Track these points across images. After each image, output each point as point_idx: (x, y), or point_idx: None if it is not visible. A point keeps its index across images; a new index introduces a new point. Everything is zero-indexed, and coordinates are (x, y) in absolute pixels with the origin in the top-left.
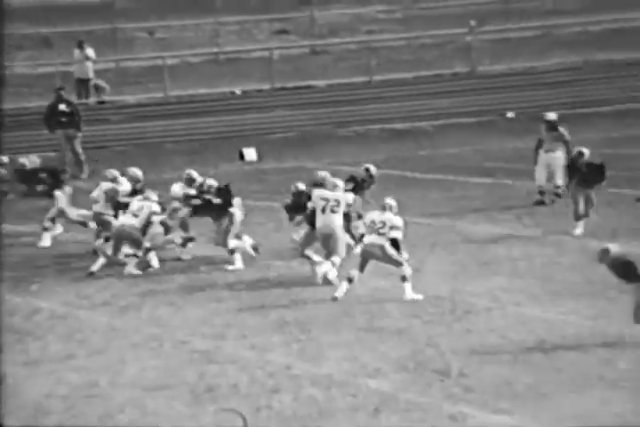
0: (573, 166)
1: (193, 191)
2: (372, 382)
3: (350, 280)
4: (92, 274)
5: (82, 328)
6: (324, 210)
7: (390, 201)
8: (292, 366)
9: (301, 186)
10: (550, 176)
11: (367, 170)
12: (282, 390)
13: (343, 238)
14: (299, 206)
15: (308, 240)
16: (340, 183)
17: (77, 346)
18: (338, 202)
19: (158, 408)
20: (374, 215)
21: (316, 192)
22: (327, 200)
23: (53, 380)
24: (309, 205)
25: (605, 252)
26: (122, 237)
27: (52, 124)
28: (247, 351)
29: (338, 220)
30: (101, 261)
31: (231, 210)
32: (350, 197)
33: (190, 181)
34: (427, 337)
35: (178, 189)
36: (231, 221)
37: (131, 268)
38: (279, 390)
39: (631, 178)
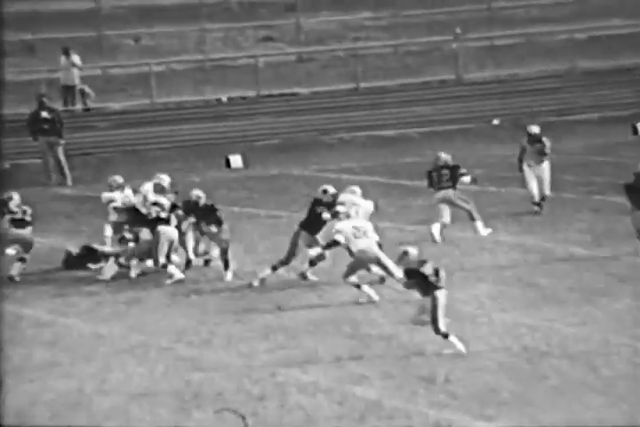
0: None
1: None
2: (358, 389)
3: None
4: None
5: (67, 335)
6: (355, 236)
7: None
8: (277, 373)
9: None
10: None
11: (325, 191)
12: (267, 398)
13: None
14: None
15: (352, 269)
16: (358, 190)
17: (62, 353)
18: (365, 228)
19: (143, 416)
20: (351, 222)
21: (340, 225)
22: (357, 229)
23: (38, 387)
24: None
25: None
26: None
27: (35, 131)
28: (233, 358)
29: (372, 242)
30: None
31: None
32: (370, 205)
33: (160, 189)
34: (412, 344)
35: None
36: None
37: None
38: (265, 398)
39: (615, 185)
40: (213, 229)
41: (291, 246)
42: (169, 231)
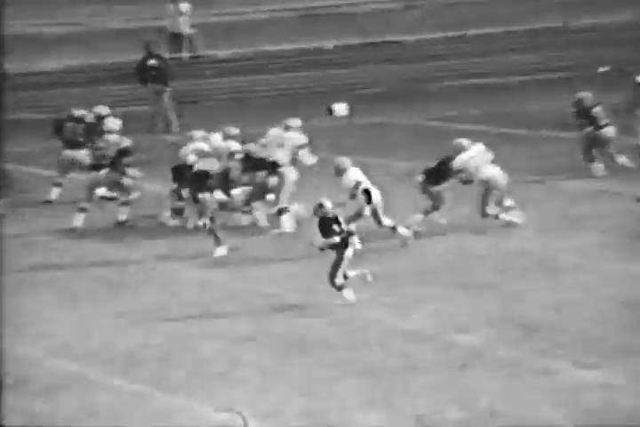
0: None
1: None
2: (461, 337)
3: None
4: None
5: (173, 280)
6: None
7: None
8: (381, 320)
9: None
10: None
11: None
12: (371, 345)
13: None
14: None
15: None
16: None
17: (170, 298)
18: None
19: (247, 360)
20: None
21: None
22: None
23: (147, 331)
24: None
25: (320, 206)
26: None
27: (143, 79)
28: (336, 305)
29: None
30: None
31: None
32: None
33: (229, 137)
34: (515, 292)
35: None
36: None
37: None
38: (368, 344)
39: None
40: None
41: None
42: (293, 173)
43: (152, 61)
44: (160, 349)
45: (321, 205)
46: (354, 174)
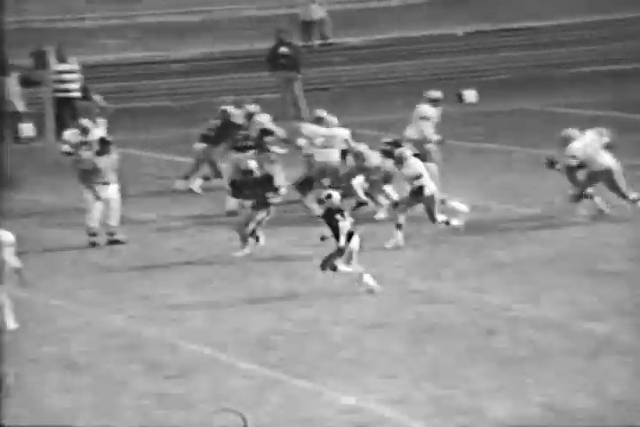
0: None
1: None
2: (590, 324)
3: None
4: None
5: (303, 267)
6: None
7: None
8: (509, 307)
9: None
10: None
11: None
12: (498, 332)
13: None
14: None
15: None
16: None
17: (299, 284)
18: None
19: (376, 346)
20: None
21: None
22: None
23: (276, 316)
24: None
25: (328, 197)
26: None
27: (274, 67)
28: (464, 292)
29: None
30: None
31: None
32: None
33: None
34: None
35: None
36: None
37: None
38: (495, 332)
39: None
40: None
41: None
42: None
43: (284, 49)
44: (290, 334)
45: (329, 196)
46: (416, 165)
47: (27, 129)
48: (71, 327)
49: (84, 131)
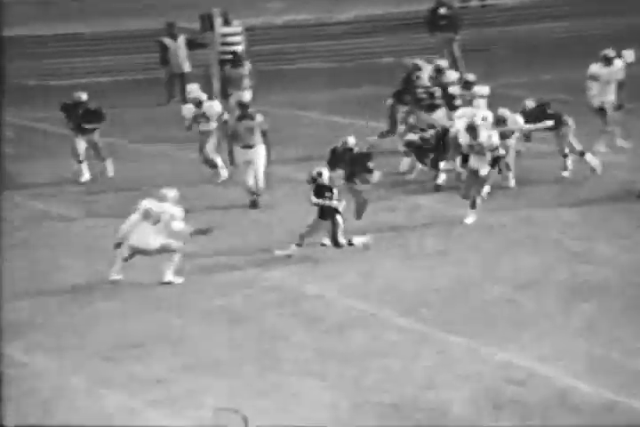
0: None
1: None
2: None
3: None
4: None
5: (458, 226)
6: None
7: None
8: None
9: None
10: None
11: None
12: None
13: None
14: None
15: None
16: None
17: (451, 242)
18: None
19: (529, 305)
20: None
21: None
22: None
23: (431, 273)
24: None
25: (319, 174)
26: None
27: (433, 28)
28: (620, 252)
29: None
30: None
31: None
32: None
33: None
34: None
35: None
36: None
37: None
38: None
39: None
40: None
41: None
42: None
43: (443, 10)
44: (444, 291)
45: (320, 174)
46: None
47: (194, 89)
48: (235, 282)
49: (199, 104)
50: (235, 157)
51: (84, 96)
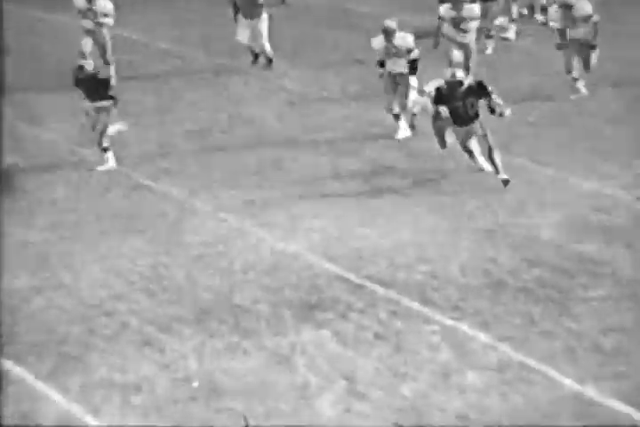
0: None
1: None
2: None
3: None
4: None
5: None
6: None
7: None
8: None
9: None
10: None
11: None
12: None
13: None
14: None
15: None
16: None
17: None
18: None
19: (614, 136)
20: None
21: None
22: None
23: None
24: None
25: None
26: None
27: None
28: None
29: None
30: None
31: None
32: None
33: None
34: None
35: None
36: None
37: None
38: None
39: None
40: None
41: None
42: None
43: None
44: (535, 124)
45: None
46: None
47: None
48: None
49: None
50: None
51: None
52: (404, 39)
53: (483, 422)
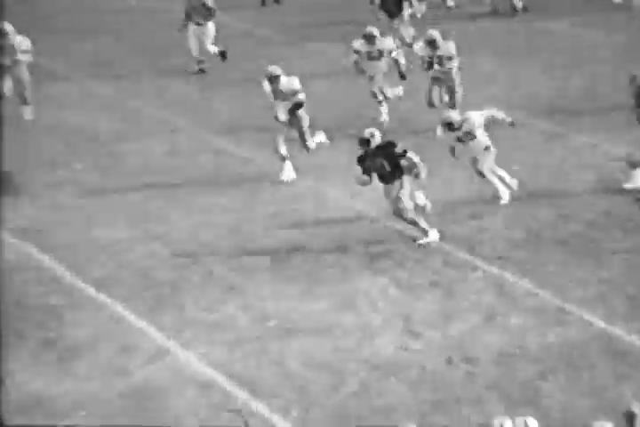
0: None
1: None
2: None
3: None
4: None
5: None
6: None
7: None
8: None
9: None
10: None
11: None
12: None
13: None
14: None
15: None
16: None
17: None
18: None
19: None
20: None
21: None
22: None
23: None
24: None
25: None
26: None
27: None
28: None
29: None
30: None
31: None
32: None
33: (370, 39)
34: None
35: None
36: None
37: None
38: None
39: None
40: None
41: None
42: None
43: None
44: (571, 97)
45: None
46: None
47: None
48: None
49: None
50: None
51: None
52: (290, 82)
53: (523, 358)
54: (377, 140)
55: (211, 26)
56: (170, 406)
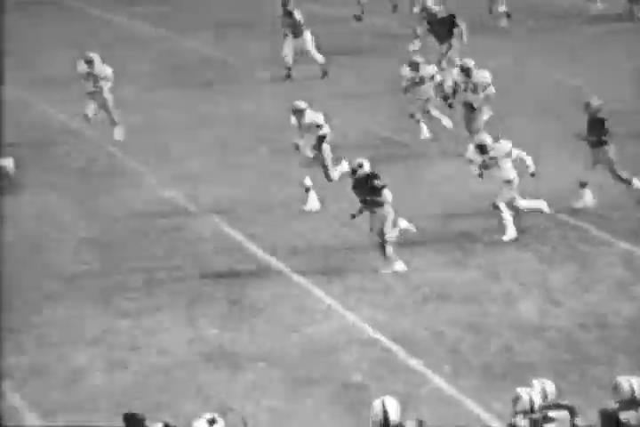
0: None
1: None
2: None
3: None
4: None
5: None
6: None
7: None
8: None
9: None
10: None
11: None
12: None
13: None
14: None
15: None
16: None
17: None
18: None
19: None
20: None
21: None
22: None
23: None
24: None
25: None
26: None
27: None
28: None
29: None
30: None
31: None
32: None
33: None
34: None
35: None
36: None
37: None
38: None
39: None
40: None
41: None
42: None
43: None
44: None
45: (360, 166)
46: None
47: None
48: None
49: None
50: None
51: None
52: (314, 116)
53: None
54: (366, 169)
55: None
56: (338, 360)
